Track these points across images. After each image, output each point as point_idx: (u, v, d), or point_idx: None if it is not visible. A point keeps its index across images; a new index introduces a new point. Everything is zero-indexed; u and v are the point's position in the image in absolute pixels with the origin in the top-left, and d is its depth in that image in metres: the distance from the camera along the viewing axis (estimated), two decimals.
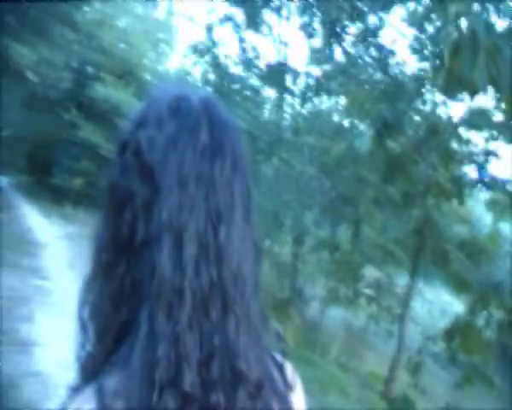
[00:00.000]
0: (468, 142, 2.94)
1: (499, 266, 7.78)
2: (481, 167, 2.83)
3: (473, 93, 1.93)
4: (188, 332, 0.71)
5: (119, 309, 0.75)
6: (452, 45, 1.73)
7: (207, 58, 8.44)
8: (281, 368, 0.86)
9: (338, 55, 7.55)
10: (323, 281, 9.13)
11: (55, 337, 4.87)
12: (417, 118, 2.80)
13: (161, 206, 0.73)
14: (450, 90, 2.34)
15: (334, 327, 9.37)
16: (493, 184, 2.89)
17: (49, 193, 16.65)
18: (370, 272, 8.52)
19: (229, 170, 0.77)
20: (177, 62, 19.04)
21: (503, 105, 3.16)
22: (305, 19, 7.85)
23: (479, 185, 2.97)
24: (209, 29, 7.57)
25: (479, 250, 6.15)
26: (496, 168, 2.93)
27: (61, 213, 14.63)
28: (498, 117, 3.26)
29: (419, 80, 2.75)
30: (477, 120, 2.98)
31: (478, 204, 7.72)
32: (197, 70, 9.69)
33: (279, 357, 0.88)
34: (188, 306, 0.71)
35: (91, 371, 0.76)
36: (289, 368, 0.88)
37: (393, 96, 2.63)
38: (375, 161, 2.43)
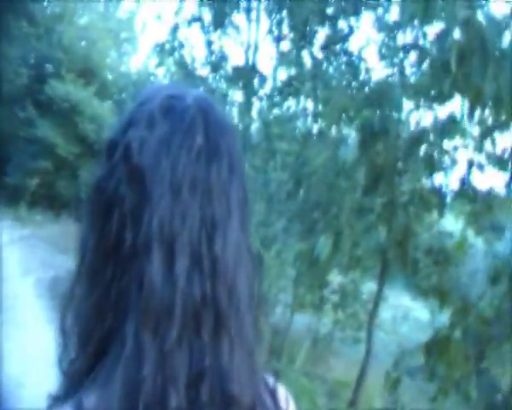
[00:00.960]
0: (448, 151, 2.88)
1: (465, 274, 7.92)
2: (464, 179, 2.77)
3: (476, 100, 1.85)
4: (176, 351, 0.66)
5: (104, 318, 0.70)
6: (458, 51, 1.65)
7: (173, 59, 8.22)
8: (273, 393, 0.80)
9: (307, 59, 7.49)
10: (288, 286, 9.04)
11: (5, 345, 4.66)
12: (400, 126, 2.74)
13: (151, 213, 0.68)
14: (447, 96, 2.26)
15: (300, 334, 9.30)
16: (473, 196, 2.83)
17: (3, 193, 15.96)
18: (334, 278, 8.50)
19: (226, 174, 0.72)
20: (141, 63, 18.67)
21: (476, 115, 3.13)
22: (274, 22, 7.76)
23: (459, 197, 2.92)
24: (175, 29, 7.36)
25: (446, 258, 6.20)
26: (477, 179, 2.87)
27: (15, 214, 14.02)
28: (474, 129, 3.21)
29: (391, 87, 2.70)
30: (451, 128, 2.92)
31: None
32: (161, 71, 9.46)
33: (271, 380, 0.81)
34: (177, 322, 0.66)
35: (72, 380, 0.72)
36: (283, 393, 0.82)
37: (378, 102, 2.54)
38: (358, 170, 2.33)
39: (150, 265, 0.67)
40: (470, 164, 2.79)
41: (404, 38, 6.69)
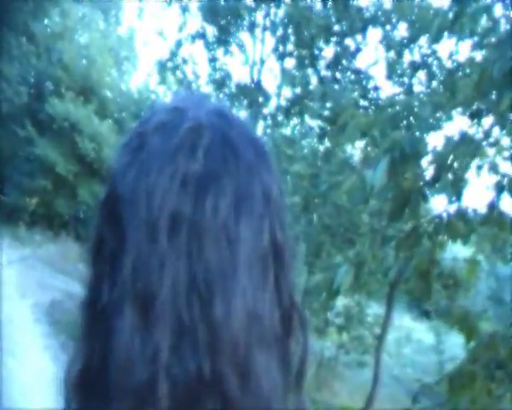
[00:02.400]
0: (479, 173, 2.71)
1: (475, 298, 7.78)
2: (493, 203, 2.58)
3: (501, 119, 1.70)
4: None
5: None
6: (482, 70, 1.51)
7: (175, 76, 8.11)
8: None
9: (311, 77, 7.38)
10: None
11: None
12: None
13: (125, 261, 0.53)
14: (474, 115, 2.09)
15: None
16: (500, 222, 2.65)
17: (2, 212, 15.76)
18: (339, 300, 8.31)
19: (227, 211, 0.53)
20: (141, 81, 18.66)
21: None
22: (279, 39, 7.66)
23: (488, 223, 2.74)
24: (178, 45, 7.25)
25: (456, 282, 6.04)
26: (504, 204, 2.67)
27: (14, 234, 13.80)
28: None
29: (421, 104, 2.55)
30: (476, 149, 2.75)
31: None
32: (163, 89, 9.36)
33: None
34: None
35: None
36: None
37: (407, 122, 2.37)
38: (385, 195, 2.16)
39: (119, 332, 0.51)
40: (500, 187, 2.60)
41: (411, 55, 6.60)
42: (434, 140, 2.65)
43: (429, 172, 2.56)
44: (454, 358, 7.19)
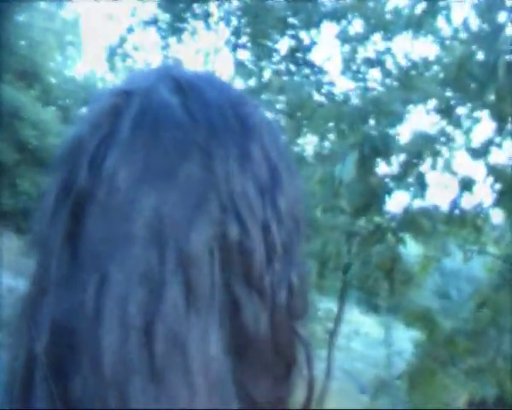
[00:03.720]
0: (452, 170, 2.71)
1: (421, 293, 7.98)
2: (455, 201, 2.59)
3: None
4: None
5: None
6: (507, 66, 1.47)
7: (125, 64, 7.82)
8: None
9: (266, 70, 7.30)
10: None
11: None
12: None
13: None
14: (502, 113, 2.08)
15: None
16: (463, 220, 2.67)
17: None
18: None
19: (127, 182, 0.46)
20: (87, 67, 17.99)
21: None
22: (233, 30, 7.52)
23: (451, 221, 2.75)
24: (129, 31, 6.96)
25: (407, 278, 6.16)
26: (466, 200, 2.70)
27: None
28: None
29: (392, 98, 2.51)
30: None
31: None
32: (111, 77, 9.02)
33: None
34: None
35: None
36: None
37: (376, 116, 2.33)
38: (353, 190, 2.10)
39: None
40: (462, 186, 2.62)
41: (365, 51, 6.65)
42: (401, 136, 2.67)
43: (395, 169, 2.55)
44: (402, 352, 7.37)
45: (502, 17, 2.41)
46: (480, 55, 1.90)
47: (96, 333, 0.42)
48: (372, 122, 2.25)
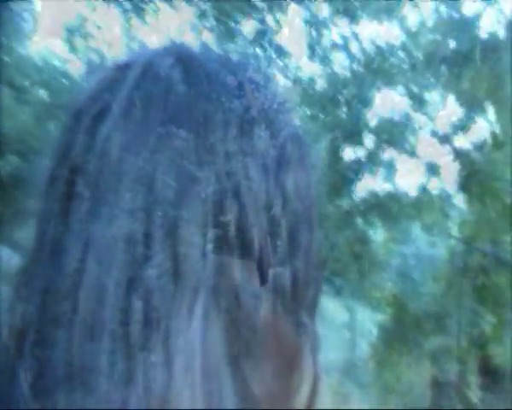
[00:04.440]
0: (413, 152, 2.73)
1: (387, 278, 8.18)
2: (423, 185, 2.63)
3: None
4: None
5: None
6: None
7: (85, 43, 7.60)
8: None
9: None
10: None
11: None
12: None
13: None
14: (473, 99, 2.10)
15: None
16: (431, 204, 2.72)
17: None
18: None
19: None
20: (42, 44, 17.35)
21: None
22: (196, 12, 7.40)
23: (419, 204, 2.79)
24: (91, 9, 6.75)
25: (372, 262, 6.31)
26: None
27: None
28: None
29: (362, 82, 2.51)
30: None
31: None
32: (71, 57, 8.74)
33: None
34: None
35: None
36: None
37: (347, 99, 2.32)
38: (324, 173, 2.09)
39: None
40: (431, 169, 2.67)
41: (330, 34, 6.68)
42: (369, 121, 2.68)
43: (364, 153, 2.56)
44: (365, 335, 7.53)
45: (467, 8, 2.45)
46: (452, 44, 1.93)
47: (75, 295, 0.41)
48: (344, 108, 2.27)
